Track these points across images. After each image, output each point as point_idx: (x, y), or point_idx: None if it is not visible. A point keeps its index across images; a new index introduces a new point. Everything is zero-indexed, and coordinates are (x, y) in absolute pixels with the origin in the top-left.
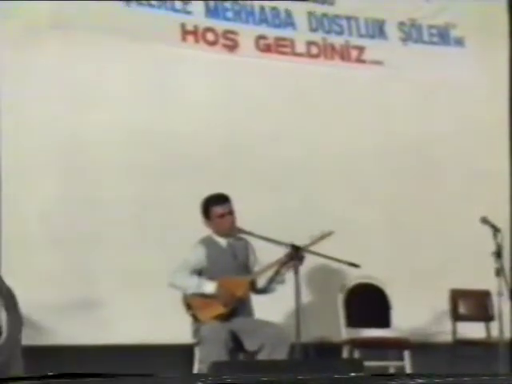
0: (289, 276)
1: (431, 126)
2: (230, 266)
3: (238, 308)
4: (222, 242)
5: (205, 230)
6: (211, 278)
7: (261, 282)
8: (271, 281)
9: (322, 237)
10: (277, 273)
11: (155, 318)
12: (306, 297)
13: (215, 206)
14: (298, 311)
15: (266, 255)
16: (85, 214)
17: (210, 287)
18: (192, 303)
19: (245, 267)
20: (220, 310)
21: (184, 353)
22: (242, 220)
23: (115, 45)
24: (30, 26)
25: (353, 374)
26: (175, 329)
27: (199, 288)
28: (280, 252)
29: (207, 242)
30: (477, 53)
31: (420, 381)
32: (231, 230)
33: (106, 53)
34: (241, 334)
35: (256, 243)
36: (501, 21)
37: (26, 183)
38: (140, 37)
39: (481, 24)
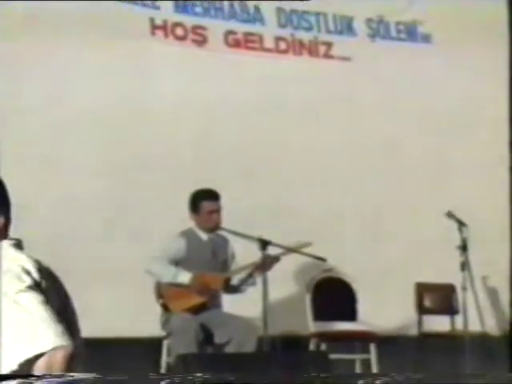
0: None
1: (399, 121)
2: (207, 260)
3: (209, 302)
4: (204, 236)
5: (179, 225)
6: (188, 270)
7: (233, 282)
8: (243, 282)
9: (300, 247)
10: (250, 275)
11: (126, 312)
12: (274, 290)
13: (206, 201)
14: (266, 305)
15: (242, 254)
16: (58, 209)
17: (185, 277)
18: (165, 293)
19: (222, 264)
20: (192, 301)
21: (153, 346)
22: None
23: (84, 39)
24: (4, 21)
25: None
26: (144, 322)
27: (175, 277)
28: (256, 252)
29: (188, 235)
30: (444, 49)
31: (386, 379)
32: (216, 228)
33: (75, 47)
34: (210, 326)
35: (232, 241)
36: (473, 18)
37: None
38: (109, 31)
39: (449, 21)
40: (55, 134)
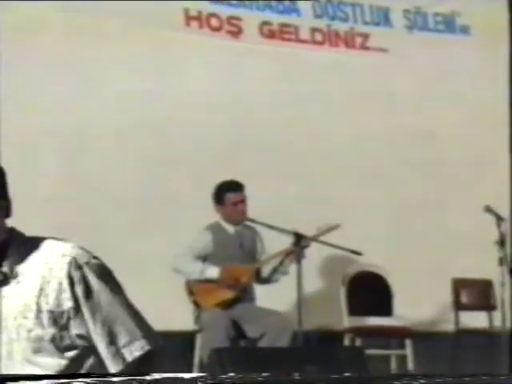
0: (292, 265)
1: (435, 114)
2: (235, 253)
3: (240, 296)
4: (230, 229)
5: (208, 217)
6: (216, 264)
7: (264, 272)
8: (274, 271)
9: (328, 229)
10: (281, 263)
11: (158, 305)
12: (309, 285)
13: (230, 193)
14: (300, 299)
15: (271, 244)
16: (88, 200)
17: (213, 272)
18: (194, 289)
19: (251, 256)
20: (223, 296)
21: (186, 340)
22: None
23: (119, 30)
24: (34, 10)
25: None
26: (178, 315)
27: (203, 273)
28: (286, 241)
29: (215, 229)
30: (482, 41)
31: (422, 381)
32: (242, 219)
33: (110, 38)
34: (242, 321)
35: (262, 232)
36: (503, 13)
37: (29, 168)
38: (144, 22)
39: (485, 13)
40: (85, 125)
